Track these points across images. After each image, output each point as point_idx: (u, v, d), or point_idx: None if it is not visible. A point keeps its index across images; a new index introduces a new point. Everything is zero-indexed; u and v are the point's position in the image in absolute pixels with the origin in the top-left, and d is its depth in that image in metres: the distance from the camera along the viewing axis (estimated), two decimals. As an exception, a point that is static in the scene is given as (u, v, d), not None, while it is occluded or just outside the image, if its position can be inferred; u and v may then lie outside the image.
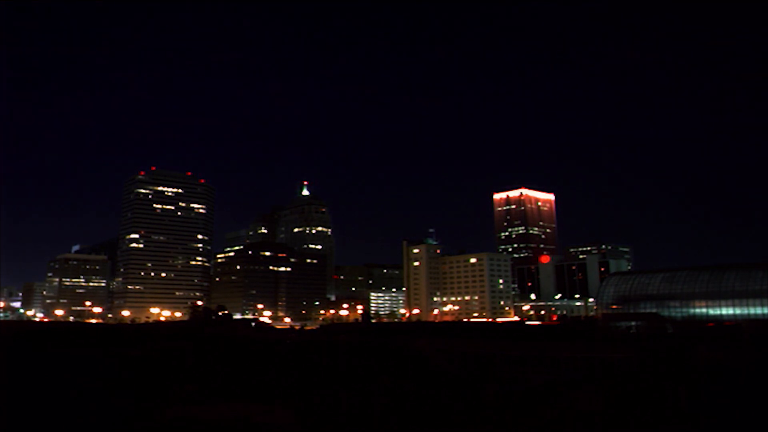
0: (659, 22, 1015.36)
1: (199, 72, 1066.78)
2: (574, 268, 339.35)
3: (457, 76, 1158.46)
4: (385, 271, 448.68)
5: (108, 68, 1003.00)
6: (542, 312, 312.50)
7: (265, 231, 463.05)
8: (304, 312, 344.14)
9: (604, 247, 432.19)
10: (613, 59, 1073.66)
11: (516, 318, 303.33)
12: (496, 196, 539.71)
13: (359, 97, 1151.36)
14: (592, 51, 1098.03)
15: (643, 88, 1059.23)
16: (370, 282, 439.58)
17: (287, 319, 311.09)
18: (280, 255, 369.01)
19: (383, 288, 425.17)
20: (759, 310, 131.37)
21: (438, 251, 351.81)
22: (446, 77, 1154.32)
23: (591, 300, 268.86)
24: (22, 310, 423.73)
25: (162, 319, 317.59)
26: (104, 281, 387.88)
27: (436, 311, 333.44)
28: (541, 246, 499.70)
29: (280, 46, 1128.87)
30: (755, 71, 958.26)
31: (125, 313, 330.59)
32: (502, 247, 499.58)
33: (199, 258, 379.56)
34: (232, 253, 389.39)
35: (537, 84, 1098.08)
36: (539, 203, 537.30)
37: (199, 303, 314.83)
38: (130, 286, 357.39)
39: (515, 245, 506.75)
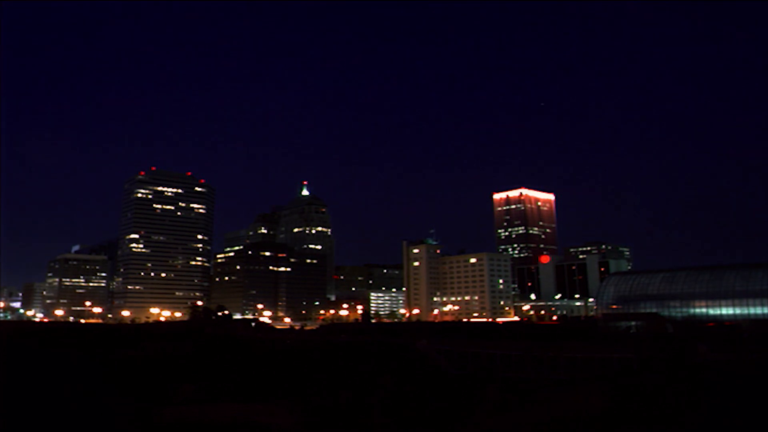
0: (661, 23, 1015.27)
1: (199, 72, 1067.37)
2: (574, 268, 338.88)
3: (458, 76, 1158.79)
4: (385, 271, 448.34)
5: (108, 68, 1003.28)
6: (542, 312, 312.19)
7: (265, 231, 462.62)
8: (304, 312, 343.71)
9: (604, 247, 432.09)
10: (613, 60, 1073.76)
11: (516, 318, 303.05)
12: (496, 196, 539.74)
13: (359, 97, 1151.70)
14: (593, 51, 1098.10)
15: (643, 88, 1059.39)
16: (370, 282, 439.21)
17: (287, 319, 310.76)
18: (280, 255, 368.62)
19: (383, 288, 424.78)
20: (759, 310, 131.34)
21: (438, 251, 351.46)
22: (447, 77, 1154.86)
23: (591, 300, 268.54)
24: (22, 310, 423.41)
25: (162, 319, 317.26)
26: (104, 281, 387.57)
27: (436, 311, 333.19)
28: (541, 246, 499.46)
29: (280, 46, 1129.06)
30: (756, 71, 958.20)
31: (125, 313, 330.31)
32: (502, 247, 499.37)
33: (199, 258, 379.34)
34: (232, 253, 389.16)
35: (537, 84, 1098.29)
36: (539, 203, 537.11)
37: (199, 303, 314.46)
38: (130, 286, 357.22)
39: (515, 245, 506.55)
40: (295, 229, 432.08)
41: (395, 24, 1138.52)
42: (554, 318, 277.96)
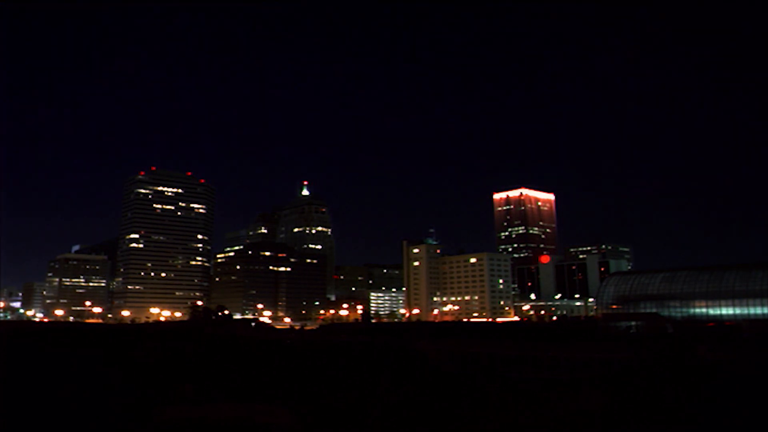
0: (659, 21, 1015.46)
1: (199, 72, 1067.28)
2: (574, 268, 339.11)
3: (457, 76, 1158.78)
4: (385, 271, 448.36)
5: (108, 68, 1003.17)
6: (542, 312, 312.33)
7: (265, 231, 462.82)
8: (304, 312, 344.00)
9: (604, 247, 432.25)
10: (613, 59, 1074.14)
11: (516, 318, 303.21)
12: (496, 196, 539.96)
13: (359, 97, 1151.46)
14: (592, 51, 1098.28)
15: (643, 88, 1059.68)
16: (370, 282, 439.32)
17: (287, 319, 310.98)
18: (280, 255, 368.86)
19: (383, 288, 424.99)
20: (759, 310, 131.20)
21: (438, 251, 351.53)
22: (446, 77, 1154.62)
23: (591, 300, 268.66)
24: (22, 310, 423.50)
25: (162, 319, 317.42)
26: (104, 281, 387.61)
27: (436, 311, 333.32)
28: (541, 246, 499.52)
29: (280, 45, 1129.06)
30: (755, 71, 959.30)
31: (125, 313, 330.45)
32: (502, 247, 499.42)
33: (199, 258, 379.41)
34: (232, 253, 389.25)
35: (537, 84, 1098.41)
36: (539, 203, 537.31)
37: (199, 303, 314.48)
38: (130, 286, 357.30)
39: (515, 245, 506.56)
40: (295, 229, 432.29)
41: (396, 24, 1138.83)
42: (554, 318, 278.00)
